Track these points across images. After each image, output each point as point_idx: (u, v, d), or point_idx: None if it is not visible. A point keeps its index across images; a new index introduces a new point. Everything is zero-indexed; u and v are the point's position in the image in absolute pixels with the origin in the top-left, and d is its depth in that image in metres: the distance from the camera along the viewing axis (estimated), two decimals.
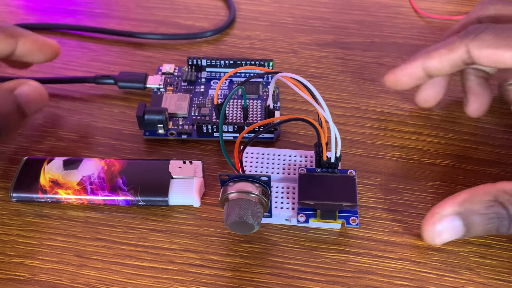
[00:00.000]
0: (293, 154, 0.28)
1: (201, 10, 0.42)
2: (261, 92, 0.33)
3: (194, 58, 0.34)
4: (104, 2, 0.43)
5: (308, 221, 0.25)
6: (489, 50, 0.26)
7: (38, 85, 0.29)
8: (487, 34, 0.26)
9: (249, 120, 0.31)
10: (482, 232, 0.24)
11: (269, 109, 0.30)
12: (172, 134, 0.31)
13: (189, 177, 0.28)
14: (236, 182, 0.24)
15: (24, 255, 0.26)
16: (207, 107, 0.32)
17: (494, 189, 0.24)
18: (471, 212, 0.24)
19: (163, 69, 0.35)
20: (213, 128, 0.30)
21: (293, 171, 0.27)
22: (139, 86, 0.34)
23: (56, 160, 0.28)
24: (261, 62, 0.34)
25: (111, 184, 0.27)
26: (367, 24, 0.41)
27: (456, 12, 0.42)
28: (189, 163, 0.28)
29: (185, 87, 0.34)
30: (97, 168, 0.28)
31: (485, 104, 0.31)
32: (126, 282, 0.25)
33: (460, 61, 0.27)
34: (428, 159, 0.30)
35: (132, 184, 0.27)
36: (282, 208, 0.26)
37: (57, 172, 0.28)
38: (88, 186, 0.27)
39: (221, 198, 0.24)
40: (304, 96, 0.25)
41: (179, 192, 0.27)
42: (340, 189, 0.25)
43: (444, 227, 0.24)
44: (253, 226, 0.24)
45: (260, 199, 0.24)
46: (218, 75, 0.35)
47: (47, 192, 0.27)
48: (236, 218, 0.23)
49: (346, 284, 0.25)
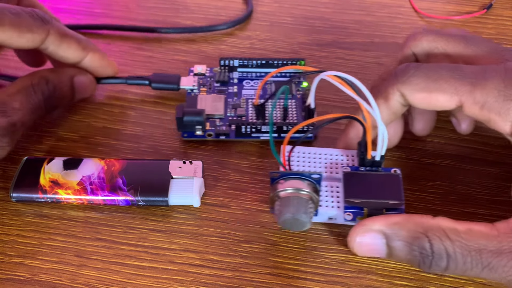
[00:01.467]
0: (334, 152, 0.28)
1: (201, 10, 0.42)
2: (294, 92, 0.33)
3: (226, 59, 0.34)
4: (104, 2, 0.43)
5: (355, 219, 0.25)
6: (422, 94, 0.25)
7: (93, 79, 0.33)
8: (417, 77, 0.25)
9: (288, 120, 0.31)
10: (404, 260, 0.23)
11: (309, 108, 0.29)
12: (210, 135, 0.31)
13: (189, 177, 0.28)
14: (287, 180, 0.24)
15: (24, 255, 0.26)
16: (242, 107, 0.32)
17: (429, 222, 0.23)
18: (397, 236, 0.23)
19: (194, 70, 0.35)
20: (252, 128, 0.30)
21: (335, 170, 0.27)
22: (173, 87, 0.33)
23: (56, 160, 0.28)
24: (293, 61, 0.34)
25: (111, 184, 0.27)
26: (367, 24, 0.41)
27: (456, 12, 0.42)
28: (189, 163, 0.28)
29: (218, 88, 0.34)
30: (97, 168, 0.28)
31: (430, 122, 0.30)
32: (126, 282, 0.25)
33: (399, 106, 0.26)
34: (428, 159, 0.30)
35: (132, 184, 0.27)
36: (327, 207, 0.26)
37: (57, 172, 0.28)
38: (88, 186, 0.27)
39: (272, 195, 0.24)
40: (351, 94, 0.24)
41: (179, 192, 0.27)
42: (386, 188, 0.25)
43: (364, 241, 0.24)
44: (306, 223, 0.24)
45: (311, 196, 0.24)
46: (250, 75, 0.35)
47: (47, 192, 0.27)
48: (290, 216, 0.23)
49: (346, 284, 0.25)
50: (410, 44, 0.29)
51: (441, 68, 0.25)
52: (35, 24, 0.28)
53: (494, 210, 0.28)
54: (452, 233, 0.22)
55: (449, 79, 0.24)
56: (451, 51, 0.27)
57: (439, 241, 0.22)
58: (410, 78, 0.25)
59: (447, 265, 0.22)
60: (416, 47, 0.28)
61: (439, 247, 0.22)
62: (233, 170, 0.30)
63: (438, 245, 0.22)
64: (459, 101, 0.24)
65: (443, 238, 0.22)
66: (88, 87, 0.32)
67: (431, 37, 0.28)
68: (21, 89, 0.29)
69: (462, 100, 0.24)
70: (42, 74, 0.30)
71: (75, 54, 0.31)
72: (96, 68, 0.32)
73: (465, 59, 0.26)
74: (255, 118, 0.31)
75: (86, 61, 0.31)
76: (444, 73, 0.24)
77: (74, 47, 0.30)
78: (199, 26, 0.40)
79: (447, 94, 0.24)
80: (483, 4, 0.43)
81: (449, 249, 0.22)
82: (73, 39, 0.30)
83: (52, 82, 0.30)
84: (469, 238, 0.22)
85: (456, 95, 0.24)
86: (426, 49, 0.28)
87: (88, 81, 0.32)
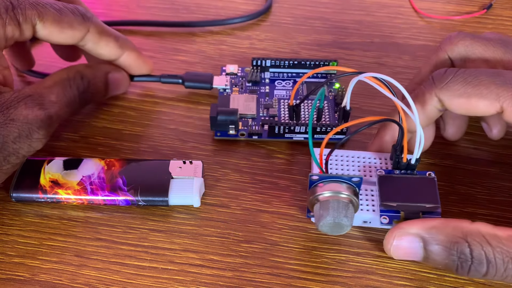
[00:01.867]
0: (366, 155, 0.28)
1: (201, 10, 0.42)
2: (326, 93, 0.33)
3: (258, 59, 0.34)
4: (104, 2, 0.43)
5: (391, 222, 0.25)
6: (460, 99, 0.25)
7: (127, 76, 0.33)
8: (456, 83, 0.25)
9: (322, 121, 0.31)
10: (441, 265, 0.23)
11: (344, 110, 0.29)
12: (243, 135, 0.31)
13: (189, 177, 0.28)
14: (326, 183, 0.24)
15: (24, 255, 0.26)
16: (274, 107, 0.32)
17: (468, 227, 0.22)
18: (435, 240, 0.23)
19: (226, 69, 0.35)
20: (285, 129, 0.30)
21: (369, 173, 0.27)
22: (206, 86, 0.34)
23: (56, 160, 0.28)
24: (325, 62, 0.34)
25: (111, 184, 0.27)
26: (367, 24, 0.41)
27: (456, 12, 0.42)
28: (189, 163, 0.28)
29: (250, 88, 0.34)
30: (97, 168, 0.28)
31: (463, 127, 0.30)
32: (126, 282, 0.25)
33: (435, 111, 0.26)
34: (428, 159, 0.30)
35: (132, 184, 0.27)
36: (362, 210, 0.26)
37: (57, 172, 0.28)
38: (88, 186, 0.27)
39: (311, 199, 0.24)
40: (390, 97, 0.24)
41: (179, 192, 0.27)
42: (422, 191, 0.25)
43: (402, 244, 0.23)
44: (346, 227, 0.24)
45: (351, 199, 0.24)
46: (281, 75, 0.35)
47: (47, 192, 0.27)
48: (331, 219, 0.23)
49: (346, 284, 0.25)
50: (446, 48, 0.28)
51: (481, 73, 0.25)
52: (76, 20, 0.28)
53: (494, 210, 0.28)
54: (493, 239, 0.22)
55: (490, 85, 0.24)
56: (489, 56, 0.27)
57: (479, 247, 0.22)
58: (449, 84, 0.25)
59: (487, 270, 0.22)
60: (452, 52, 0.28)
61: (479, 252, 0.22)
62: (233, 170, 0.30)
63: (478, 250, 0.22)
64: (499, 107, 0.24)
65: (483, 243, 0.22)
66: (122, 84, 0.33)
67: (468, 42, 0.28)
68: (58, 82, 0.29)
69: (503, 107, 0.24)
70: (78, 69, 0.30)
71: (112, 52, 0.31)
72: (131, 67, 0.32)
73: (505, 64, 0.26)
74: (287, 118, 0.31)
75: (122, 59, 0.32)
76: (484, 78, 0.24)
77: (112, 45, 0.30)
78: (222, 19, 0.40)
79: (487, 100, 0.24)
80: (483, 4, 0.43)
81: (490, 255, 0.22)
82: (111, 37, 0.30)
83: (87, 77, 0.30)
84: (510, 244, 0.22)
85: (497, 101, 0.24)
86: (462, 53, 0.28)
87: (122, 78, 0.32)
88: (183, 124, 0.32)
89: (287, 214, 0.28)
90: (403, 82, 0.35)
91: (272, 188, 0.29)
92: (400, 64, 0.37)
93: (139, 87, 0.35)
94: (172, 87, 0.35)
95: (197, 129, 0.32)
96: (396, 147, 0.26)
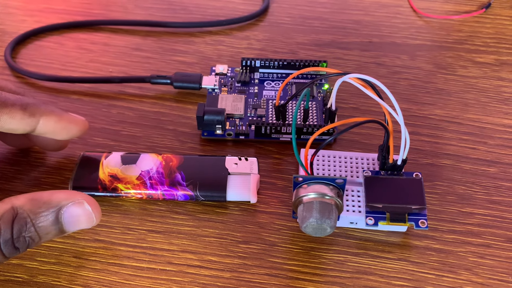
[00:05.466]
0: (354, 156, 0.28)
1: (199, 10, 0.42)
2: (315, 93, 0.33)
3: (247, 59, 0.34)
4: (102, 2, 0.43)
5: (377, 224, 0.25)
6: None
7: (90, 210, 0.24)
8: None
9: (308, 122, 0.31)
10: None
11: (330, 111, 0.29)
12: (229, 135, 0.31)
13: (245, 174, 0.28)
14: (310, 185, 0.24)
15: (23, 256, 0.26)
16: (262, 108, 0.32)
17: None
18: None
19: (216, 69, 0.35)
20: (272, 129, 0.30)
21: (355, 174, 0.27)
22: (195, 86, 0.34)
23: (114, 154, 0.29)
24: (315, 62, 0.34)
25: (170, 179, 0.27)
26: (365, 24, 0.41)
27: (455, 12, 0.42)
28: (244, 159, 0.28)
29: (239, 88, 0.34)
30: (155, 163, 0.28)
31: None
32: (124, 283, 0.25)
33: None
34: (427, 159, 0.30)
35: (190, 180, 0.27)
36: (348, 211, 0.26)
37: (115, 167, 0.28)
38: (148, 181, 0.27)
39: (294, 200, 0.24)
40: (374, 97, 0.24)
41: (236, 188, 0.27)
42: (408, 192, 0.25)
43: None
44: (329, 229, 0.24)
45: (335, 201, 0.24)
46: (271, 75, 0.35)
47: (106, 187, 0.27)
48: (314, 221, 0.23)
49: (344, 285, 0.25)
50: None
51: None
52: None
53: (492, 210, 0.28)
54: None
55: None
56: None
57: None
58: None
59: None
60: None
61: None
62: None
63: None
64: None
65: None
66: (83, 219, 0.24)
67: None
68: None
69: None
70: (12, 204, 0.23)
71: (22, 124, 0.25)
72: (54, 133, 0.27)
73: None
74: (275, 119, 0.31)
75: (39, 128, 0.26)
76: None
77: (18, 116, 0.25)
78: (221, 20, 0.40)
79: None
80: (481, 3, 0.43)
81: None
82: (15, 107, 0.25)
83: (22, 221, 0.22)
84: None
85: None
86: None
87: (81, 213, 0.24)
88: (180, 124, 0.33)
89: (285, 215, 0.28)
90: (402, 82, 0.35)
91: (271, 188, 0.29)
92: (398, 64, 0.37)
93: (138, 88, 0.35)
94: (171, 87, 0.35)
95: (185, 127, 0.32)
96: (382, 148, 0.26)
